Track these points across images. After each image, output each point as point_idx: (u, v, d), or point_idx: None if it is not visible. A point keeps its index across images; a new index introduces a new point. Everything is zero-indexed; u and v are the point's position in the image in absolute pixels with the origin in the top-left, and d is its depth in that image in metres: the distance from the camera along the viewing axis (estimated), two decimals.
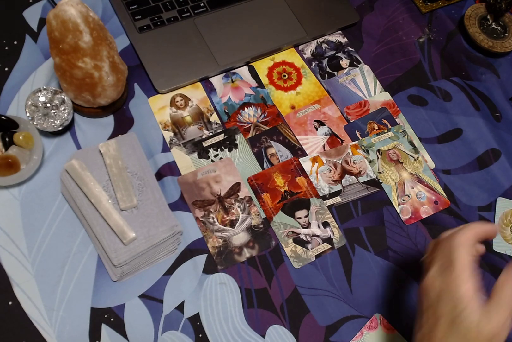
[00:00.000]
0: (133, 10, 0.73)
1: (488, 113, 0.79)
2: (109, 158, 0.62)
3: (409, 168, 0.72)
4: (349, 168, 0.71)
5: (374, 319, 0.63)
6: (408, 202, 0.70)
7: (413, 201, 0.70)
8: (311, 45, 0.78)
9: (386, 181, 0.71)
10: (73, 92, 0.62)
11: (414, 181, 0.71)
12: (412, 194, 0.70)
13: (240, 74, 0.74)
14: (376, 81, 0.77)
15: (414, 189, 0.71)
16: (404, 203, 0.70)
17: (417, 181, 0.71)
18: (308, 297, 0.63)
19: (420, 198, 0.70)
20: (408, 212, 0.70)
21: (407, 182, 0.71)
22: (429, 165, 0.73)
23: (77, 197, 0.60)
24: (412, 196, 0.70)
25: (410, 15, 0.84)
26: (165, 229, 0.61)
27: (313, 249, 0.65)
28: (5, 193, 0.63)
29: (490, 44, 0.81)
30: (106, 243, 0.58)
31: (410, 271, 0.67)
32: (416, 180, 0.71)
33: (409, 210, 0.70)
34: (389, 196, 0.70)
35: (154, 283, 0.61)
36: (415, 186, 0.71)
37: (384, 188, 0.70)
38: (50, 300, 0.59)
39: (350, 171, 0.71)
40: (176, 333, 0.59)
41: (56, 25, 0.55)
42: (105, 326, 0.58)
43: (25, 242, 0.61)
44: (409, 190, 0.71)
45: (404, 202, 0.70)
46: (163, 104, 0.71)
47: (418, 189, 0.71)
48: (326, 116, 0.74)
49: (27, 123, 0.62)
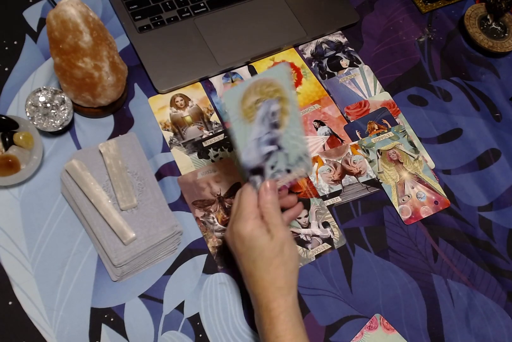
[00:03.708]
0: (133, 10, 0.73)
1: (488, 113, 0.79)
2: (109, 158, 0.62)
3: (409, 168, 0.72)
4: (349, 168, 0.71)
5: (374, 319, 0.63)
6: (408, 202, 0.70)
7: (413, 201, 0.70)
8: (311, 45, 0.78)
9: (386, 181, 0.71)
10: (73, 92, 0.62)
11: (414, 180, 0.71)
12: (412, 193, 0.70)
13: (240, 74, 0.74)
14: (376, 81, 0.77)
15: (414, 188, 0.71)
16: (404, 203, 0.70)
17: (417, 181, 0.71)
18: (308, 297, 0.63)
19: (420, 197, 0.70)
20: (408, 211, 0.70)
21: (407, 181, 0.71)
22: (429, 165, 0.73)
23: (77, 197, 0.60)
24: (412, 196, 0.70)
25: (410, 15, 0.84)
26: (165, 229, 0.61)
27: (313, 249, 0.65)
28: (5, 193, 0.63)
29: (490, 44, 0.81)
30: (106, 243, 0.58)
31: (410, 271, 0.67)
32: (416, 179, 0.71)
33: (409, 209, 0.70)
34: (389, 196, 0.70)
35: (154, 283, 0.61)
36: (415, 185, 0.71)
37: (384, 188, 0.70)
38: (50, 300, 0.59)
39: (350, 171, 0.71)
40: (176, 333, 0.59)
41: (56, 25, 0.55)
42: (105, 326, 0.58)
43: (25, 242, 0.61)
44: (409, 189, 0.71)
45: (404, 201, 0.70)
46: (163, 104, 0.71)
47: (418, 188, 0.71)
48: (326, 116, 0.74)
49: (27, 123, 0.62)
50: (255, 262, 0.52)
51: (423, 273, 0.67)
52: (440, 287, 0.67)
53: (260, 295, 0.52)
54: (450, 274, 0.68)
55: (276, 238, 0.52)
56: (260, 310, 0.52)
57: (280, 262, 0.52)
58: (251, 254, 0.52)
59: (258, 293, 0.52)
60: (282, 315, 0.50)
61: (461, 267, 0.68)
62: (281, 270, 0.52)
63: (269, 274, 0.51)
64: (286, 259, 0.52)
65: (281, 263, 0.52)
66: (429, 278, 0.67)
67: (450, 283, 0.67)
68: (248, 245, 0.52)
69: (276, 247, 0.52)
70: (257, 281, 0.52)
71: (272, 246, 0.51)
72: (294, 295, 0.53)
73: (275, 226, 0.52)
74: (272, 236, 0.52)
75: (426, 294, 0.66)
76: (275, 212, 0.53)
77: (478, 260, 0.69)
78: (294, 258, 0.54)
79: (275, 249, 0.52)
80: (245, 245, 0.52)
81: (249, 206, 0.53)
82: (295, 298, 0.53)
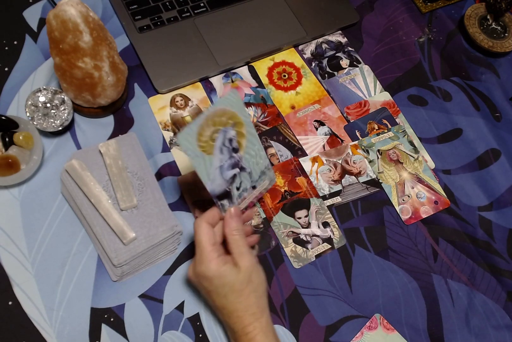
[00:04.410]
0: (133, 10, 0.73)
1: (488, 113, 0.79)
2: (109, 158, 0.62)
3: (409, 168, 0.72)
4: (349, 168, 0.71)
5: (374, 319, 0.63)
6: (408, 202, 0.70)
7: (413, 200, 0.70)
8: (311, 45, 0.78)
9: (386, 181, 0.71)
10: (73, 92, 0.62)
11: (414, 180, 0.71)
12: (412, 193, 0.70)
13: (240, 74, 0.74)
14: (376, 81, 0.77)
15: (414, 188, 0.71)
16: (404, 202, 0.70)
17: (417, 181, 0.71)
18: (308, 297, 0.63)
19: (420, 197, 0.70)
20: (408, 211, 0.70)
21: (407, 181, 0.71)
22: (429, 165, 0.73)
23: (77, 197, 0.60)
24: (412, 196, 0.70)
25: (410, 15, 0.84)
26: (165, 229, 0.61)
27: (313, 249, 0.65)
28: (5, 193, 0.63)
29: (490, 44, 0.81)
30: (106, 243, 0.58)
31: (410, 271, 0.67)
32: (416, 179, 0.71)
33: (409, 209, 0.70)
34: (389, 196, 0.70)
35: (154, 283, 0.61)
36: (415, 185, 0.71)
37: (384, 188, 0.70)
38: (50, 300, 0.59)
39: (350, 170, 0.71)
40: (176, 333, 0.59)
41: (56, 25, 0.55)
42: (105, 326, 0.58)
43: (25, 242, 0.61)
44: (409, 189, 0.71)
45: (404, 201, 0.70)
46: (163, 104, 0.71)
47: (418, 188, 0.71)
48: (326, 116, 0.74)
49: (27, 123, 0.62)
50: (226, 297, 0.53)
51: (423, 273, 0.67)
52: (440, 287, 0.67)
53: (236, 324, 0.54)
54: (450, 274, 0.68)
55: (243, 269, 0.53)
56: (236, 335, 0.54)
57: (250, 290, 0.53)
58: (221, 291, 0.53)
59: (233, 322, 0.54)
60: (258, 336, 0.53)
61: (461, 267, 0.68)
62: (252, 298, 0.53)
63: (241, 304, 0.53)
64: (255, 286, 0.54)
65: (251, 291, 0.53)
66: (429, 278, 0.67)
67: (450, 283, 0.67)
68: (217, 283, 0.53)
69: (245, 278, 0.53)
70: (231, 312, 0.53)
71: (241, 279, 0.53)
72: (267, 316, 0.55)
73: (241, 255, 0.54)
74: (239, 269, 0.53)
75: (426, 294, 0.66)
76: (240, 238, 0.54)
77: (478, 260, 0.69)
78: (262, 283, 0.56)
79: (244, 281, 0.53)
80: (214, 284, 0.53)
81: (208, 245, 0.53)
82: (268, 318, 0.55)
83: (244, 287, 0.53)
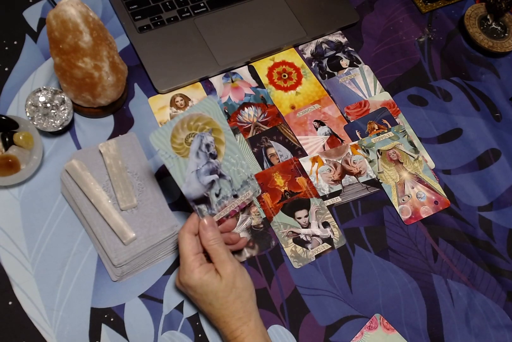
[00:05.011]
0: (133, 10, 0.73)
1: (488, 113, 0.79)
2: (109, 158, 0.62)
3: (409, 168, 0.72)
4: (349, 168, 0.71)
5: (374, 319, 0.63)
6: (408, 202, 0.70)
7: (413, 200, 0.70)
8: (311, 45, 0.78)
9: (386, 181, 0.71)
10: (73, 92, 0.62)
11: (414, 180, 0.71)
12: (412, 193, 0.70)
13: (240, 74, 0.74)
14: (376, 81, 0.77)
15: (414, 188, 0.71)
16: (404, 202, 0.70)
17: (417, 181, 0.71)
18: (308, 297, 0.63)
19: (420, 197, 0.70)
20: (408, 211, 0.70)
21: (407, 181, 0.71)
22: (429, 165, 0.73)
23: (77, 197, 0.60)
24: (412, 196, 0.70)
25: (410, 15, 0.84)
26: (165, 229, 0.61)
27: (313, 249, 0.65)
28: (5, 193, 0.63)
29: (490, 44, 0.81)
30: (106, 243, 0.58)
31: (410, 271, 0.67)
32: (416, 179, 0.71)
33: (409, 209, 0.70)
34: (389, 196, 0.70)
35: (154, 283, 0.61)
36: (415, 185, 0.71)
37: (384, 188, 0.70)
38: (50, 300, 0.59)
39: (350, 170, 0.71)
40: (175, 333, 0.59)
41: (56, 25, 0.55)
42: (105, 326, 0.58)
43: (25, 242, 0.61)
44: (409, 189, 0.71)
45: (404, 201, 0.70)
46: (163, 104, 0.71)
47: (418, 188, 0.71)
48: (326, 116, 0.74)
49: (27, 123, 0.62)
50: (211, 304, 0.54)
51: (423, 273, 0.67)
52: (440, 287, 0.67)
53: (224, 328, 0.55)
54: (450, 274, 0.68)
55: (226, 276, 0.54)
56: (226, 339, 0.55)
57: (235, 296, 0.54)
58: (205, 299, 0.54)
59: (221, 327, 0.55)
60: (246, 339, 0.53)
61: (461, 267, 0.68)
62: (238, 303, 0.54)
63: (227, 310, 0.54)
64: (240, 291, 0.55)
65: (236, 297, 0.54)
66: (429, 278, 0.67)
67: (450, 283, 0.67)
68: (200, 291, 0.54)
69: (228, 284, 0.54)
70: (218, 318, 0.55)
71: (224, 286, 0.53)
72: (255, 319, 0.55)
73: (221, 263, 0.54)
74: (222, 276, 0.54)
75: (426, 294, 0.66)
76: (219, 247, 0.54)
77: (478, 260, 0.69)
78: (248, 287, 0.56)
79: (228, 287, 0.54)
80: (198, 292, 0.54)
81: (190, 255, 0.54)
82: (256, 321, 0.56)
83: (228, 293, 0.54)
